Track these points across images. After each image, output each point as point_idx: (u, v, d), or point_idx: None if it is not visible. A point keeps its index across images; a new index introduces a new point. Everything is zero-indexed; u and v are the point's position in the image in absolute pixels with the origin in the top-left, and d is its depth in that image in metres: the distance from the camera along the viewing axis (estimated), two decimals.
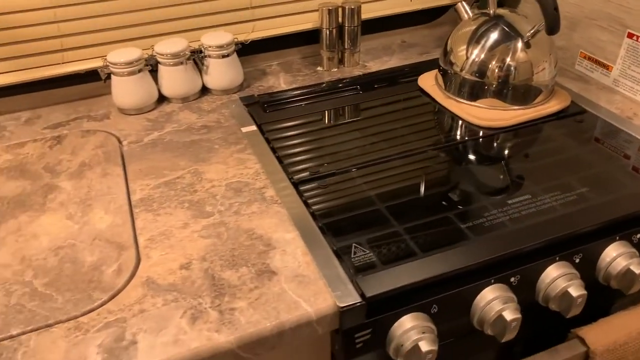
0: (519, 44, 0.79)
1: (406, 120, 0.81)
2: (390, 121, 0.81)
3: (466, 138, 0.77)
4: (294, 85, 0.92)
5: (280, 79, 0.95)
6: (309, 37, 1.01)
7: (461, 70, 0.82)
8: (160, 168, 0.72)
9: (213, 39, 0.86)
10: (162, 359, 0.46)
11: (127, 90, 0.83)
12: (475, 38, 0.82)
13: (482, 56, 0.81)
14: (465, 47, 0.82)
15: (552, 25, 0.73)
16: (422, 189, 0.66)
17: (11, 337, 0.49)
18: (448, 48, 0.86)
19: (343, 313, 0.50)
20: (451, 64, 0.84)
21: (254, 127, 0.80)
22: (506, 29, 0.80)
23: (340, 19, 0.94)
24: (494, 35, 0.80)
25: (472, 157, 0.73)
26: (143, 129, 0.81)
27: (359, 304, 0.50)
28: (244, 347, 0.49)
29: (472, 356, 0.65)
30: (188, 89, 0.87)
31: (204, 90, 0.90)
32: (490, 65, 0.80)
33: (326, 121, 0.82)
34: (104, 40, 0.85)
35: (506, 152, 0.74)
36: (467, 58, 0.82)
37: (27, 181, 0.70)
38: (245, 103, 0.86)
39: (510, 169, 0.70)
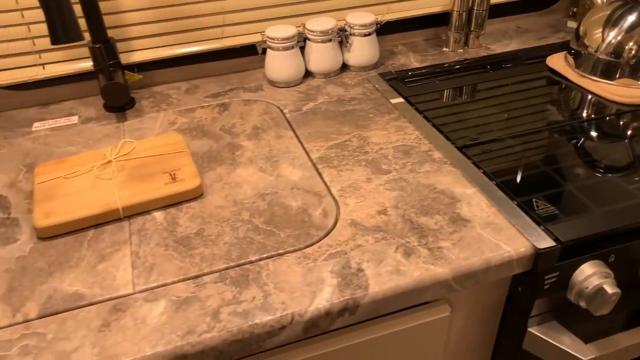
0: None
1: (543, 97, 0.87)
2: (527, 97, 0.87)
3: (607, 113, 0.82)
4: (426, 64, 0.99)
5: (410, 57, 1.01)
6: (429, 20, 1.07)
7: (596, 51, 0.87)
8: (327, 132, 0.79)
9: (357, 18, 0.93)
10: (392, 285, 0.53)
11: (281, 64, 0.91)
12: (612, 21, 0.86)
13: (619, 38, 0.85)
14: (601, 29, 0.87)
15: None
16: (579, 156, 0.72)
17: (251, 262, 0.57)
18: (581, 32, 0.91)
19: (540, 255, 0.56)
20: (585, 46, 0.89)
21: (401, 99, 0.87)
22: None
23: (469, 3, 1.00)
24: (631, 18, 0.85)
25: (616, 130, 0.78)
26: (297, 99, 0.89)
27: (554, 247, 0.56)
28: (457, 279, 0.55)
29: (627, 309, 0.70)
30: (332, 65, 0.94)
31: (342, 67, 0.97)
32: (627, 46, 0.85)
33: (465, 96, 0.88)
34: (260, 17, 0.93)
35: None
36: (603, 40, 0.86)
37: (211, 140, 0.79)
38: (386, 78, 0.93)
39: None
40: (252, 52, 0.97)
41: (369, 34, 0.94)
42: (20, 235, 0.62)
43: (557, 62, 0.94)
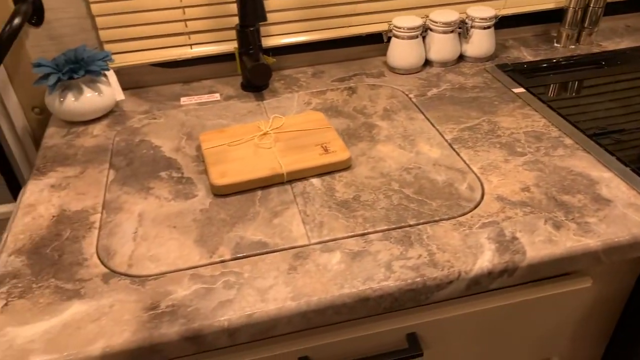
0: None
1: None
2: None
3: None
4: (539, 58, 1.02)
5: (522, 52, 1.05)
6: (539, 17, 1.10)
7: None
8: (455, 116, 0.84)
9: (479, 12, 0.98)
10: (547, 252, 0.58)
11: (405, 51, 0.96)
12: None
13: None
14: None
15: None
16: None
17: (410, 225, 0.63)
18: None
19: None
20: None
21: (522, 89, 0.91)
22: None
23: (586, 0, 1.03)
24: None
25: None
26: (420, 85, 0.94)
27: None
28: (605, 251, 0.60)
29: None
30: (451, 55, 0.99)
31: (459, 58, 1.02)
32: None
33: (583, 89, 0.92)
34: (386, 8, 0.99)
35: None
36: None
37: (347, 119, 0.85)
38: (504, 70, 0.97)
39: None
40: (371, 41, 1.04)
41: (488, 27, 0.99)
42: (197, 192, 0.71)
43: None
